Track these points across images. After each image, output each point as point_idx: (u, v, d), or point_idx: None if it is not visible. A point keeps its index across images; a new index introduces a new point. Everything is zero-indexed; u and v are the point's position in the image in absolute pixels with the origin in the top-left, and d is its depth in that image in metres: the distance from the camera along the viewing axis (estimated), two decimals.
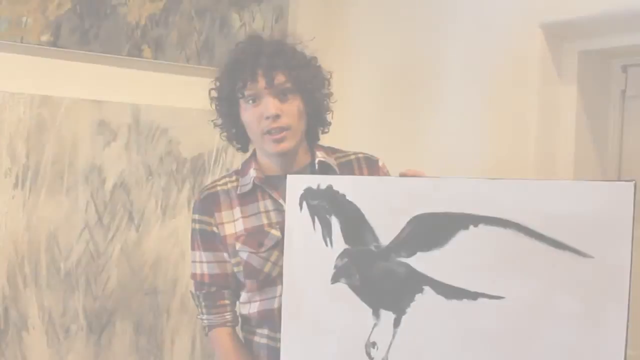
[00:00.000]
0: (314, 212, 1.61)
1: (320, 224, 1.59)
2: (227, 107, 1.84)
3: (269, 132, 1.75)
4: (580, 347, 1.25)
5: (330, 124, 1.95)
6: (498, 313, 1.33)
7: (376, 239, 1.50)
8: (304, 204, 1.62)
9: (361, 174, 1.90)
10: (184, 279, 2.77)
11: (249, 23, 2.87)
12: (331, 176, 1.85)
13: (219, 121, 1.91)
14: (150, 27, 2.68)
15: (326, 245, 1.58)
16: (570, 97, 2.25)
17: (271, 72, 1.73)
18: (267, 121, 1.75)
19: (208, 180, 2.73)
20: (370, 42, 2.92)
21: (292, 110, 1.77)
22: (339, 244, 1.56)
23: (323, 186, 1.59)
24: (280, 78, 1.75)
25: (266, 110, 1.74)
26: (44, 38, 2.49)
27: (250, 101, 1.77)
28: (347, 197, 1.55)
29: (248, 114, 1.79)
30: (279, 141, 1.76)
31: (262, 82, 1.74)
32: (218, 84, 1.86)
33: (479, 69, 2.39)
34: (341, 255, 1.56)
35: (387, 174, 1.95)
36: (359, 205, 1.53)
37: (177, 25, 2.74)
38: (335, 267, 1.56)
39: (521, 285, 1.31)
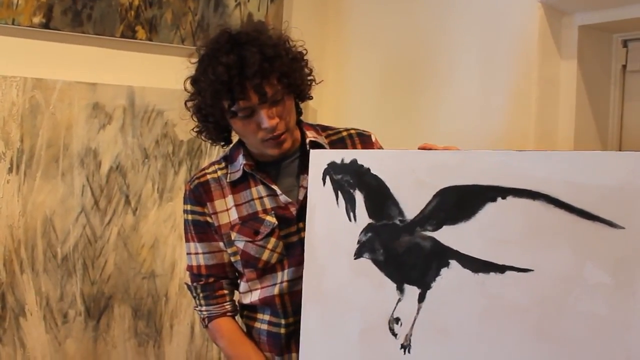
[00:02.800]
0: (337, 186, 1.59)
1: (344, 198, 1.58)
2: (213, 121, 1.77)
3: (269, 139, 1.71)
4: (611, 320, 1.23)
5: (311, 97, 1.89)
6: (526, 286, 1.31)
7: (401, 213, 1.48)
8: (327, 179, 1.60)
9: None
10: (182, 263, 2.75)
11: (244, 2, 2.84)
12: (356, 150, 1.84)
13: (199, 129, 1.83)
14: (143, 7, 2.64)
15: (350, 220, 1.56)
16: (570, 73, 2.23)
17: (262, 84, 1.64)
18: (264, 131, 1.69)
19: (205, 163, 2.71)
20: (370, 21, 2.90)
21: (285, 111, 1.72)
22: (363, 218, 1.54)
23: (347, 160, 1.57)
24: (271, 89, 1.66)
25: (264, 123, 1.67)
26: (36, 20, 2.45)
27: (242, 115, 1.69)
28: (372, 171, 1.53)
29: (242, 127, 1.72)
30: (280, 144, 1.73)
31: (254, 98, 1.65)
32: (200, 99, 1.75)
33: (478, 45, 2.38)
34: (365, 230, 1.54)
35: (381, 148, 1.93)
36: (384, 178, 1.51)
37: (171, 5, 2.70)
38: (359, 242, 1.54)
39: (550, 257, 1.29)
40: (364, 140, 1.91)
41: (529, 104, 2.23)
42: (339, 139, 1.90)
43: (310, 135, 1.84)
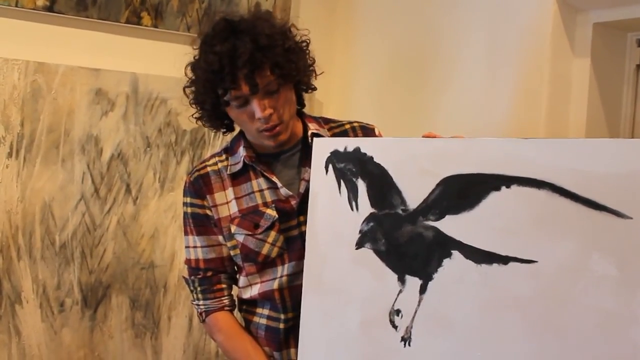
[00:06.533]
0: (340, 175, 1.56)
1: (347, 187, 1.55)
2: (210, 108, 1.74)
3: (264, 130, 1.68)
4: (616, 312, 1.19)
5: (315, 88, 1.86)
6: (530, 278, 1.27)
7: (404, 202, 1.45)
8: (330, 167, 1.57)
9: None
10: (181, 254, 2.71)
11: None
12: (359, 138, 1.82)
13: (198, 115, 1.81)
14: None
15: (352, 209, 1.53)
16: (583, 71, 2.20)
17: (253, 74, 1.61)
18: (259, 122, 1.67)
19: (207, 153, 2.69)
20: (379, 14, 2.88)
21: (281, 102, 1.69)
22: (365, 208, 1.51)
23: (350, 148, 1.55)
24: (263, 80, 1.63)
25: (257, 113, 1.65)
26: (40, 3, 2.44)
27: (236, 105, 1.68)
28: (375, 159, 1.50)
29: (237, 115, 1.71)
30: (275, 136, 1.70)
31: (245, 89, 1.63)
32: (194, 88, 1.75)
33: (489, 39, 2.35)
34: (367, 220, 1.51)
35: None
36: (386, 167, 1.48)
37: None
38: (361, 231, 1.51)
39: (555, 248, 1.25)
40: (367, 134, 1.89)
41: (539, 101, 2.20)
42: (341, 132, 1.88)
43: (313, 128, 1.82)
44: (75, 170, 2.53)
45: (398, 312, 1.45)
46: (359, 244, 1.52)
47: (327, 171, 1.59)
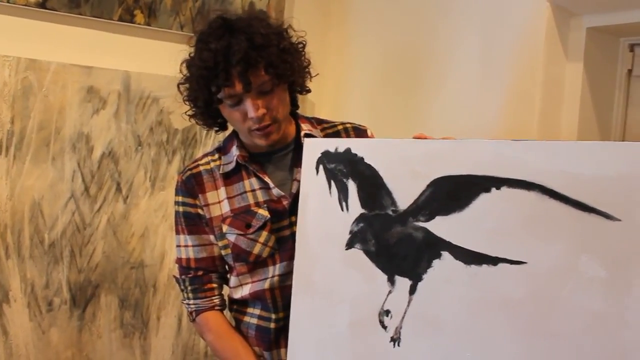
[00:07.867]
0: (330, 175, 1.56)
1: (337, 188, 1.55)
2: (203, 105, 1.74)
3: (256, 129, 1.68)
4: (605, 314, 1.19)
5: (310, 90, 1.86)
6: (520, 279, 1.27)
7: (394, 203, 1.44)
8: (321, 168, 1.57)
9: None
10: (172, 253, 2.71)
11: None
12: (350, 139, 1.82)
13: (191, 112, 1.81)
14: None
15: (342, 210, 1.53)
16: (576, 75, 2.20)
17: (247, 73, 1.61)
18: (251, 121, 1.66)
19: (199, 153, 2.69)
20: (372, 16, 2.88)
21: (275, 103, 1.68)
22: (355, 208, 1.51)
23: (341, 149, 1.54)
24: (257, 79, 1.63)
25: (249, 112, 1.65)
26: None
27: (230, 103, 1.67)
28: (366, 160, 1.50)
29: (229, 114, 1.71)
30: (267, 135, 1.70)
31: (239, 87, 1.62)
32: (188, 85, 1.74)
33: (482, 42, 2.35)
34: (357, 220, 1.50)
35: None
36: (377, 168, 1.48)
37: None
38: (351, 232, 1.51)
39: (544, 249, 1.25)
40: (360, 134, 1.90)
41: (532, 105, 2.21)
42: (334, 133, 1.87)
43: (306, 128, 1.82)
44: (66, 168, 2.52)
45: (388, 312, 1.45)
46: (349, 245, 1.51)
47: (317, 172, 1.58)
